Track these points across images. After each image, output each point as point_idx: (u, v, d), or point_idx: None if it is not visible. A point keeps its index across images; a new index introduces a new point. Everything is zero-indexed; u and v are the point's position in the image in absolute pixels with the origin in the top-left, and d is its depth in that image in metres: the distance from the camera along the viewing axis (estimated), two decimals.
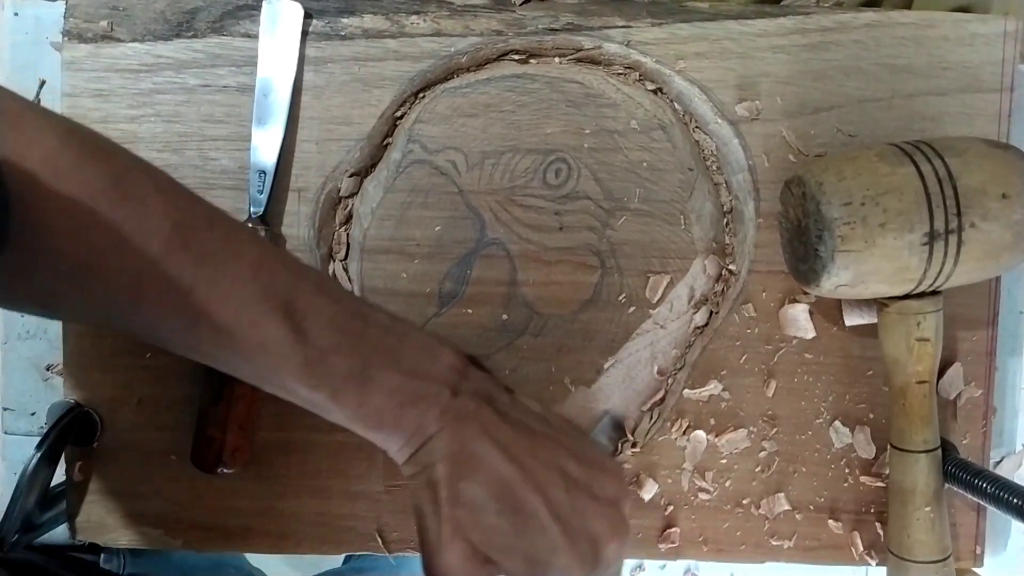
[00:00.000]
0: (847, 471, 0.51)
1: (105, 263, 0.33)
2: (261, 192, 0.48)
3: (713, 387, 0.50)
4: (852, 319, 0.49)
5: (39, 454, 0.45)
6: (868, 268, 0.42)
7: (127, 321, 0.36)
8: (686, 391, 0.50)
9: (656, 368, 0.50)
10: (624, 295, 0.50)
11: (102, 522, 0.50)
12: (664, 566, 1.12)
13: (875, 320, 0.47)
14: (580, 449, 0.39)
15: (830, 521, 0.51)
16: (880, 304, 0.46)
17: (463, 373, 0.38)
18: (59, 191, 0.32)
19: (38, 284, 0.34)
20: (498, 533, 0.36)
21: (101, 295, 0.34)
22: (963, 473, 0.46)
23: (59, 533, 0.50)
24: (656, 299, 0.50)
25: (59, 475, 0.49)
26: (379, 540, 0.50)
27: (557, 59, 0.50)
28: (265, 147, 0.48)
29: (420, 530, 0.37)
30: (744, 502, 0.51)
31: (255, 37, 0.48)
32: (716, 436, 0.50)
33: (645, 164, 0.49)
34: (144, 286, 0.34)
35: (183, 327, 0.35)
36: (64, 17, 0.48)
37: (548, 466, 0.37)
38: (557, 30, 0.49)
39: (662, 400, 0.50)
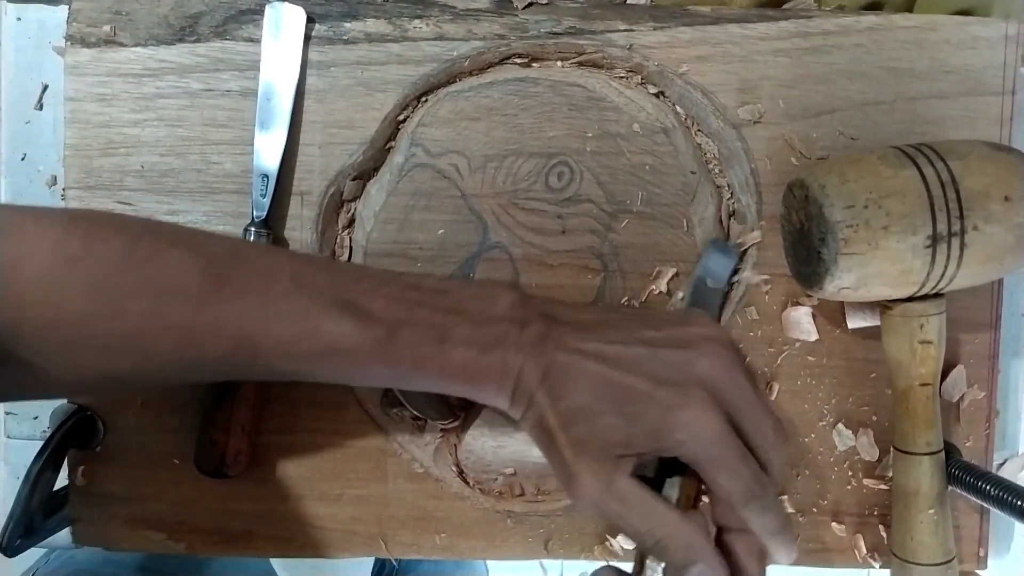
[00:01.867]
0: (850, 474, 0.51)
1: (150, 326, 0.34)
2: (264, 196, 0.48)
3: None
4: (855, 322, 0.49)
5: (42, 458, 0.46)
6: (871, 271, 0.42)
7: (196, 374, 0.37)
8: None
9: None
10: (626, 298, 0.50)
11: (105, 526, 0.50)
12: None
13: (878, 323, 0.47)
14: (649, 315, 0.40)
15: (833, 524, 0.51)
16: (883, 307, 0.46)
17: (523, 303, 0.39)
18: (78, 275, 0.33)
19: (96, 368, 0.35)
20: (615, 430, 0.36)
21: (159, 358, 0.35)
22: (966, 476, 0.46)
23: (62, 537, 0.50)
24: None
25: (62, 479, 0.49)
26: (382, 544, 0.50)
27: (559, 63, 0.50)
28: (268, 151, 0.48)
29: (552, 468, 0.37)
30: None
31: (258, 41, 0.48)
32: None
33: (647, 167, 0.49)
34: (197, 336, 0.35)
35: (250, 359, 0.36)
36: (67, 21, 0.48)
37: (627, 343, 0.37)
38: (559, 34, 0.49)
39: None
